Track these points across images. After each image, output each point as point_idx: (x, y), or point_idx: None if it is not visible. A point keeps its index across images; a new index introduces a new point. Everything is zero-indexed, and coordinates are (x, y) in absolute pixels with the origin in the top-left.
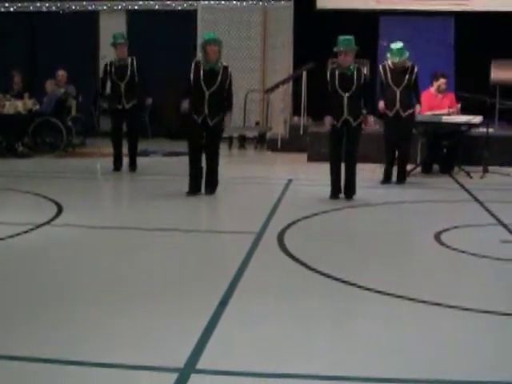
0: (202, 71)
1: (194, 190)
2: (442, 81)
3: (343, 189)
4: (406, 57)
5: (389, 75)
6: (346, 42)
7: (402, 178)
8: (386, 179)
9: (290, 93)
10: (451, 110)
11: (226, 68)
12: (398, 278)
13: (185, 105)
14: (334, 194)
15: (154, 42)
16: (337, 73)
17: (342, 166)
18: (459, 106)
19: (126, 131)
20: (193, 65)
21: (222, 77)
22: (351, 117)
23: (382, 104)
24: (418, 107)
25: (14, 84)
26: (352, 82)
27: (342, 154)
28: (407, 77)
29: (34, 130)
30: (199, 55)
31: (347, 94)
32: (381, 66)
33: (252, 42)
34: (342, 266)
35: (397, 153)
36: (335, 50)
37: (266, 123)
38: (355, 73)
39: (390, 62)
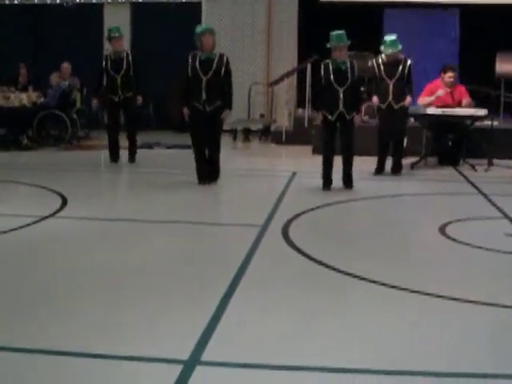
0: (198, 60)
1: (203, 179)
2: (449, 74)
3: (342, 180)
4: (398, 49)
5: (382, 68)
6: (340, 37)
7: (397, 170)
8: (379, 170)
9: (295, 85)
10: (464, 103)
11: (221, 55)
12: (405, 271)
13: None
14: (327, 186)
15: (159, 35)
16: (331, 67)
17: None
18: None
19: (124, 123)
20: (190, 56)
21: (217, 63)
22: (346, 110)
23: (375, 98)
24: (408, 98)
25: (20, 76)
26: (346, 76)
27: (335, 146)
28: (400, 69)
29: (38, 123)
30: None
31: (342, 88)
32: (374, 61)
33: (256, 34)
34: (348, 259)
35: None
36: (329, 45)
37: (270, 116)
38: (349, 67)
39: (382, 56)
